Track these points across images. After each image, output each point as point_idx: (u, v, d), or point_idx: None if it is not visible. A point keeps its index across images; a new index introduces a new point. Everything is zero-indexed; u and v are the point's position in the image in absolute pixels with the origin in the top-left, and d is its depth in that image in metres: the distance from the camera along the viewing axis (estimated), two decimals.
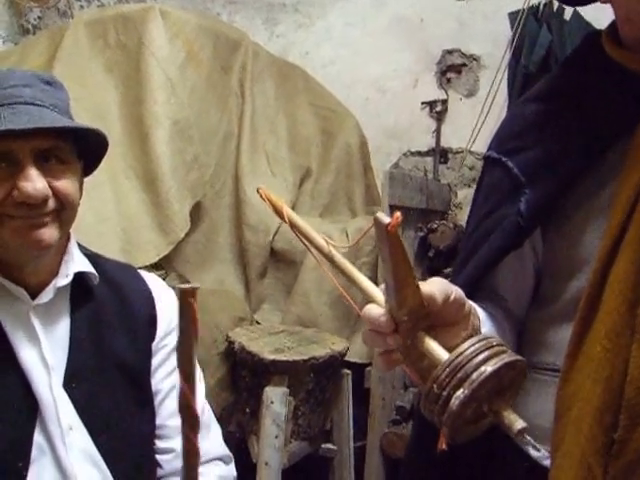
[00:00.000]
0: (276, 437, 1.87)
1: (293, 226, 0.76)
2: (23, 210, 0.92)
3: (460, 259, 1.09)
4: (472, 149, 2.78)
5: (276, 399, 1.86)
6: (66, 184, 0.97)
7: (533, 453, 0.94)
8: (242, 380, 2.04)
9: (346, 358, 2.15)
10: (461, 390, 0.57)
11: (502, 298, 1.02)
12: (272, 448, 1.87)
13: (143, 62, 2.20)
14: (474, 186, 3.06)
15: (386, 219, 0.57)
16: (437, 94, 2.93)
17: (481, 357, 0.58)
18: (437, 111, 2.92)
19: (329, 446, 2.19)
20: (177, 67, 2.26)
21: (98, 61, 2.28)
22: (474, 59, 2.88)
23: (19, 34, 3.04)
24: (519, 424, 0.57)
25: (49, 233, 0.94)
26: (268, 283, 2.35)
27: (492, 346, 0.60)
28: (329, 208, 2.58)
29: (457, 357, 0.59)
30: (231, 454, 1.20)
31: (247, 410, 2.03)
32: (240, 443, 2.05)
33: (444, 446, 0.64)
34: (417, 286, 0.63)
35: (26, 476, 0.93)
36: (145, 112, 2.14)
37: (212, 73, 2.41)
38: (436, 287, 0.66)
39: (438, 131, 2.91)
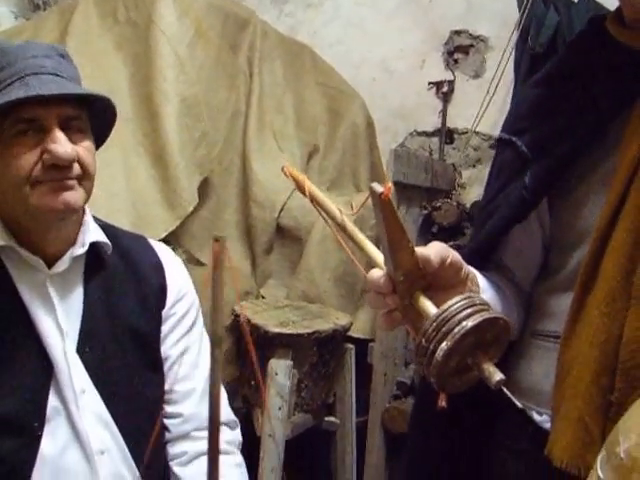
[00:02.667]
0: (280, 409, 1.91)
1: (313, 199, 0.81)
2: (52, 173, 0.96)
3: (472, 234, 1.14)
4: (478, 130, 2.79)
5: (280, 371, 1.90)
6: (86, 152, 1.02)
7: (536, 417, 0.99)
8: (247, 353, 2.09)
9: (349, 334, 2.19)
10: (445, 343, 0.62)
11: (510, 271, 1.07)
12: (276, 419, 1.91)
13: (152, 39, 2.22)
14: (479, 166, 3.09)
15: (380, 188, 0.63)
16: (444, 75, 2.93)
17: (464, 313, 0.63)
18: (444, 92, 2.92)
19: (332, 419, 2.23)
20: (186, 45, 2.28)
21: (108, 38, 2.30)
22: (481, 40, 2.88)
23: (30, 10, 3.06)
24: (498, 376, 0.62)
25: (75, 196, 0.99)
26: (274, 259, 2.38)
27: (475, 304, 0.65)
28: (335, 184, 2.60)
29: (442, 313, 0.64)
30: (236, 419, 1.24)
31: (252, 383, 2.08)
32: (245, 417, 2.09)
33: (444, 403, 0.69)
34: (412, 249, 0.68)
35: (41, 435, 0.98)
36: (154, 89, 2.17)
37: (221, 51, 2.42)
38: (432, 250, 0.72)
39: (444, 112, 2.91)
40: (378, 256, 0.73)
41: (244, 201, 2.37)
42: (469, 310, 0.64)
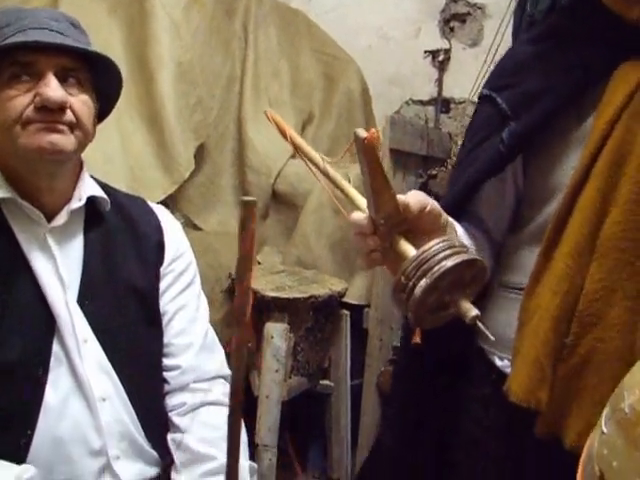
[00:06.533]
0: (276, 371, 1.94)
1: (295, 146, 0.85)
2: (43, 114, 0.98)
3: (448, 186, 1.17)
4: (474, 99, 2.79)
5: (276, 334, 1.92)
6: (81, 103, 1.03)
7: (498, 362, 1.05)
8: None
9: (345, 300, 2.21)
10: (424, 280, 0.66)
11: (484, 222, 1.10)
12: (273, 381, 1.94)
13: (147, 3, 2.21)
14: None
15: (364, 133, 0.66)
16: (440, 43, 2.93)
17: (443, 254, 0.67)
18: (440, 60, 2.92)
19: (327, 383, 2.26)
20: (181, 9, 2.27)
21: (102, 2, 2.28)
22: (479, 8, 2.87)
23: None
24: (473, 311, 0.66)
25: (64, 140, 1.00)
26: (269, 225, 2.39)
27: (454, 246, 0.68)
28: (330, 153, 2.59)
29: (423, 253, 0.67)
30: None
31: (249, 345, 2.11)
32: (243, 378, 2.12)
33: (418, 340, 0.72)
34: (393, 194, 0.72)
35: (45, 382, 1.00)
36: (149, 53, 2.16)
37: (216, 16, 2.42)
38: (411, 197, 0.75)
39: (440, 80, 2.91)
40: (360, 200, 0.77)
41: (240, 167, 2.38)
42: (448, 251, 0.67)
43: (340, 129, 2.65)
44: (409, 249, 0.72)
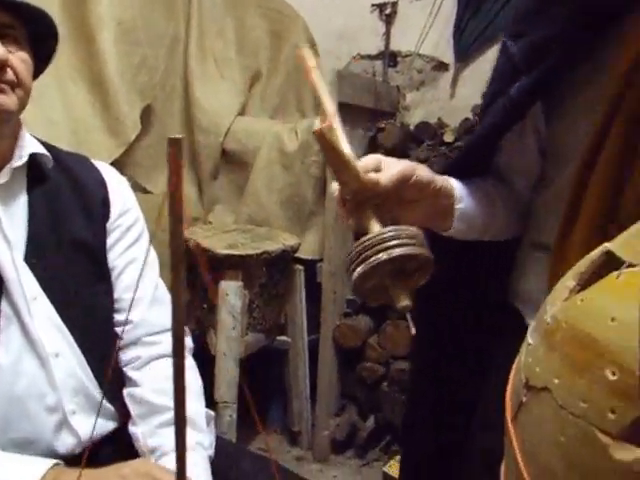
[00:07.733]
0: (233, 328, 1.96)
1: (313, 86, 0.85)
2: None
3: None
4: (421, 52, 2.80)
5: (231, 292, 1.93)
6: (20, 61, 1.01)
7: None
8: (198, 278, 2.11)
9: (297, 255, 2.23)
10: (361, 267, 0.69)
11: (508, 179, 1.06)
12: (229, 339, 1.96)
13: None
14: (423, 89, 3.09)
15: (317, 125, 0.71)
16: None
17: (385, 245, 0.69)
18: (387, 14, 2.90)
19: (284, 338, 2.29)
20: None
21: None
22: None
23: None
24: (404, 302, 0.69)
25: (7, 100, 0.98)
26: (220, 184, 2.38)
27: (399, 237, 0.70)
28: (279, 110, 2.59)
29: (368, 240, 0.70)
30: (186, 328, 1.27)
31: (204, 306, 2.11)
32: (199, 339, 2.13)
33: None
34: (355, 172, 0.74)
35: None
36: (88, 13, 2.10)
37: None
38: (387, 173, 0.77)
39: (387, 34, 2.90)
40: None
41: (188, 127, 2.35)
42: (392, 242, 0.69)
43: (288, 86, 2.64)
44: (373, 226, 0.74)
